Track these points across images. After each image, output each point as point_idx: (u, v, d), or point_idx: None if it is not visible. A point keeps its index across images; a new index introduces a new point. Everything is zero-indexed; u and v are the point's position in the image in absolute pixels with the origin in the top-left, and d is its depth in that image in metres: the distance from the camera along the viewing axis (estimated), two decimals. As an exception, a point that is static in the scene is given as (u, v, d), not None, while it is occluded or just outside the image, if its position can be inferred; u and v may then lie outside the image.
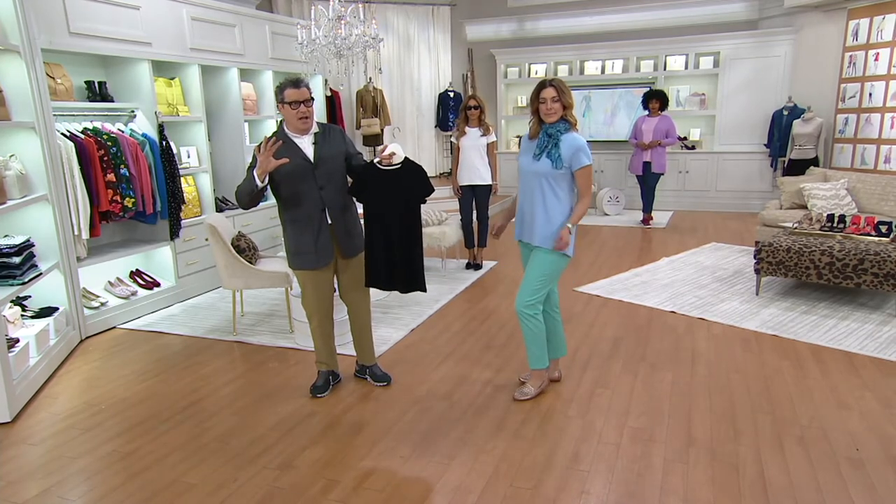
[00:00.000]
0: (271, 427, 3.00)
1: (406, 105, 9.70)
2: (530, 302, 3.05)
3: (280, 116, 3.45)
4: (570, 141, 2.93)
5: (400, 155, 3.05)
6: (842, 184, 6.05)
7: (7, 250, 3.38)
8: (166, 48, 4.85)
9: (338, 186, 3.11)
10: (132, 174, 4.45)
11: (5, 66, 3.59)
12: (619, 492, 2.43)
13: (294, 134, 3.04)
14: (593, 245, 6.78)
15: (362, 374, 3.53)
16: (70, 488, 2.54)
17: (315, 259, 3.10)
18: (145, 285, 4.89)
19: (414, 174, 3.09)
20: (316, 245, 3.08)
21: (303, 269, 3.15)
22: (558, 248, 2.96)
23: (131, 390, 3.46)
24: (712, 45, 8.48)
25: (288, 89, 2.95)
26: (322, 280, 3.19)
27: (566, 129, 2.95)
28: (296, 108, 2.95)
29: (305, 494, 2.45)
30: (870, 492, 2.39)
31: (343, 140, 3.17)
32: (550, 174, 2.96)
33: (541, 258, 3.04)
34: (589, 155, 2.96)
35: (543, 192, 2.99)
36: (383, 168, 3.05)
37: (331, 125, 3.21)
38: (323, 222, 3.07)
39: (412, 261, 3.16)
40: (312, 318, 3.28)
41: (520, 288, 3.10)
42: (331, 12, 4.88)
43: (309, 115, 2.99)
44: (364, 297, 3.37)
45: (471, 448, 2.76)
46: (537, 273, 3.04)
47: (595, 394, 3.27)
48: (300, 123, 2.99)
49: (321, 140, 3.08)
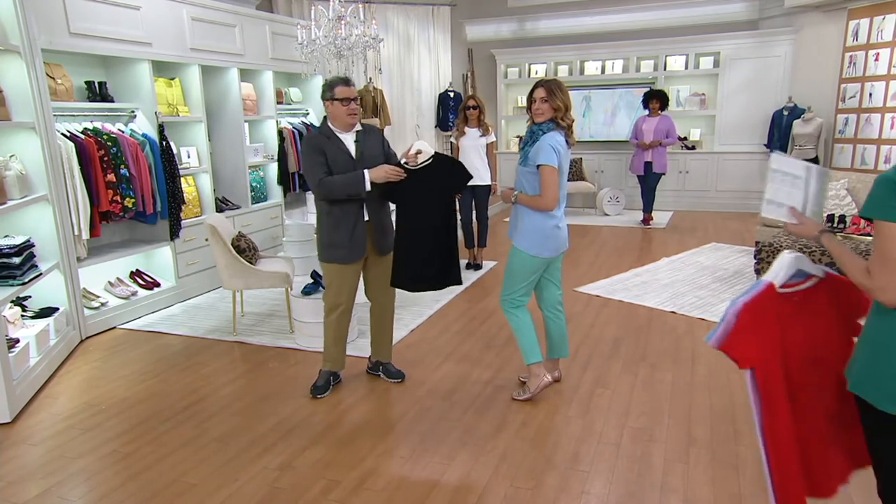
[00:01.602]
0: (271, 427, 3.00)
1: (406, 105, 9.69)
2: (505, 296, 3.15)
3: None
4: (539, 141, 2.92)
5: (428, 151, 3.09)
6: (842, 184, 6.04)
7: (7, 250, 3.37)
8: (166, 48, 4.85)
9: (378, 186, 3.16)
10: (132, 174, 4.45)
11: (5, 66, 3.59)
12: (619, 492, 2.43)
13: (339, 130, 3.13)
14: (593, 245, 6.77)
15: (375, 371, 3.54)
16: (70, 488, 2.54)
17: (348, 253, 3.15)
18: (145, 285, 4.89)
19: (446, 166, 3.16)
20: (351, 239, 3.13)
21: (334, 262, 3.18)
22: (502, 195, 3.07)
23: (131, 390, 3.46)
24: (712, 46, 8.48)
25: (339, 86, 3.06)
26: (350, 275, 3.23)
27: (549, 129, 2.94)
28: (346, 105, 3.06)
29: (306, 495, 2.45)
30: (870, 492, 2.38)
31: (382, 141, 3.26)
32: (523, 173, 3.03)
33: (511, 254, 3.13)
34: (549, 156, 2.86)
35: (522, 189, 3.05)
36: (412, 168, 3.10)
37: (371, 125, 3.30)
38: (360, 218, 3.14)
39: (448, 254, 3.22)
40: (332, 312, 3.29)
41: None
42: (331, 12, 4.88)
43: (356, 111, 3.10)
44: (391, 294, 3.43)
45: (471, 448, 2.76)
46: (507, 269, 3.15)
47: (595, 394, 3.27)
48: (348, 119, 3.09)
49: (363, 138, 3.17)
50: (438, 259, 3.20)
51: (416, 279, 3.23)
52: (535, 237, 3.02)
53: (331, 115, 3.13)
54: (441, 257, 3.20)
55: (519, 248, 3.05)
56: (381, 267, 3.31)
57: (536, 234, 3.02)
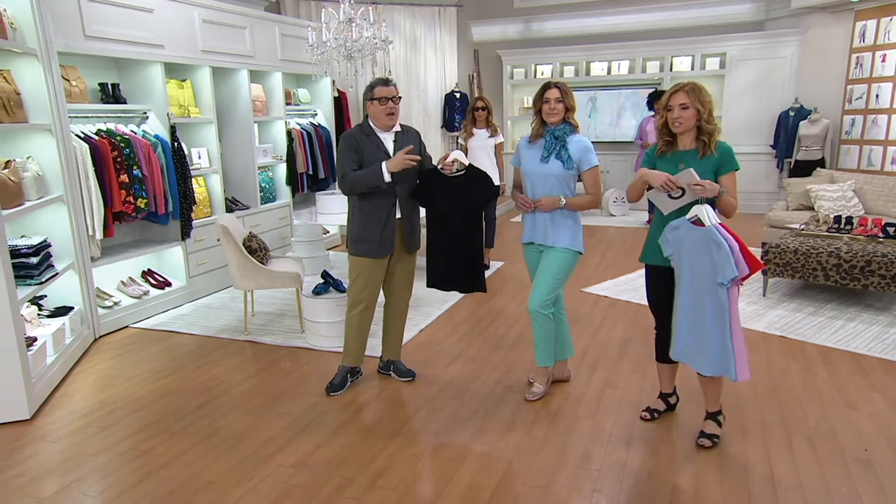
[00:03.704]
0: (285, 426, 3.04)
1: (412, 106, 9.73)
2: (545, 301, 3.11)
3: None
4: (578, 142, 3.04)
5: (463, 162, 3.18)
6: (848, 185, 6.06)
7: (25, 250, 3.43)
8: (178, 50, 4.90)
9: (410, 184, 3.26)
10: (145, 175, 4.50)
11: (23, 68, 3.64)
12: (629, 490, 2.47)
13: (379, 129, 3.21)
14: (600, 245, 6.80)
15: (386, 371, 3.59)
16: (90, 485, 2.58)
17: (377, 249, 3.22)
18: (157, 285, 4.94)
19: (477, 180, 3.23)
20: (381, 235, 3.20)
21: (363, 256, 3.25)
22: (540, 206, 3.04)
23: (146, 389, 3.50)
24: (718, 47, 8.50)
25: (378, 87, 3.15)
26: (377, 270, 3.29)
27: (571, 130, 3.06)
28: (385, 104, 3.14)
29: (321, 492, 2.49)
30: (879, 492, 2.41)
31: (419, 143, 3.31)
32: (561, 175, 3.04)
33: (554, 257, 3.09)
34: (595, 156, 3.10)
35: (554, 193, 3.05)
36: (447, 175, 3.17)
37: (409, 127, 3.37)
38: (392, 215, 3.21)
39: (472, 262, 3.29)
40: (356, 306, 3.34)
41: (533, 289, 3.14)
42: (342, 15, 4.92)
43: (395, 111, 3.17)
44: (409, 293, 3.50)
45: (483, 447, 2.80)
46: (552, 272, 3.10)
47: (604, 394, 3.30)
48: (387, 119, 3.17)
49: (401, 139, 3.25)
50: (462, 263, 3.28)
51: (448, 279, 3.34)
52: (579, 234, 3.13)
53: (371, 115, 3.22)
54: (465, 263, 3.28)
55: (570, 248, 3.09)
56: (407, 265, 3.40)
57: (579, 231, 3.13)
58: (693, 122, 2.68)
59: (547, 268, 3.11)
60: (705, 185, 2.55)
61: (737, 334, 2.56)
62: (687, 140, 2.74)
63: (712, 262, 2.53)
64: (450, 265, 3.30)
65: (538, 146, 3.09)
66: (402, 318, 3.54)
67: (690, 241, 2.60)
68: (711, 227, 2.53)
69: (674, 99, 2.68)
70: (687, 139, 2.74)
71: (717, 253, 2.51)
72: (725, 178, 2.67)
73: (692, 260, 2.61)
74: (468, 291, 3.40)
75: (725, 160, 2.68)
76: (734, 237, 2.54)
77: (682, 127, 2.69)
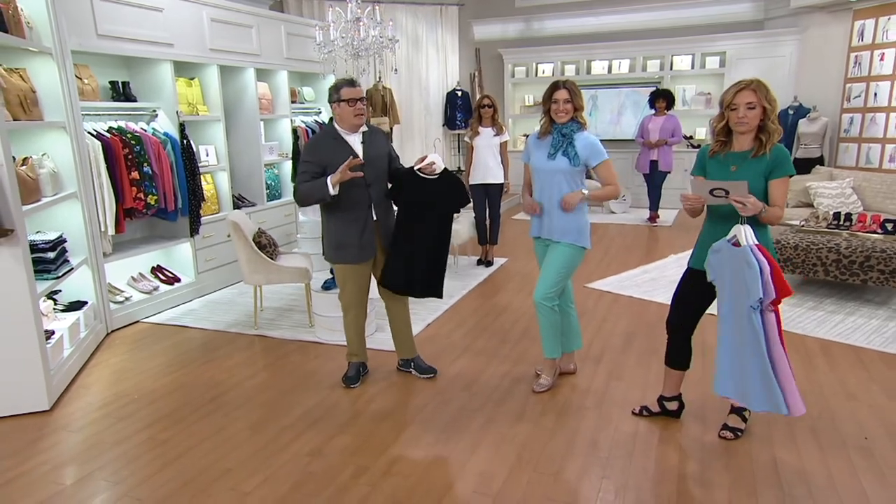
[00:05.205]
0: (298, 417, 3.11)
1: (414, 104, 9.80)
2: (549, 294, 3.18)
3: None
4: (585, 140, 3.12)
5: (440, 165, 3.20)
6: (847, 182, 6.15)
7: (43, 245, 3.49)
8: (187, 49, 4.96)
9: (383, 185, 3.27)
10: (155, 172, 4.56)
11: (39, 67, 3.70)
12: (638, 476, 2.54)
13: (345, 131, 3.19)
14: (602, 242, 6.88)
15: (406, 368, 3.62)
16: (112, 472, 2.65)
17: (358, 254, 3.23)
18: (166, 280, 5.00)
19: (451, 185, 3.26)
20: (360, 240, 3.20)
21: (345, 262, 3.26)
22: (564, 206, 3.09)
23: (159, 381, 3.57)
24: (718, 45, 8.57)
25: (345, 87, 3.12)
26: (362, 275, 3.32)
27: (578, 128, 3.13)
28: (353, 105, 3.11)
29: (338, 479, 2.56)
30: (879, 478, 2.49)
31: (386, 142, 3.33)
32: (568, 171, 3.11)
33: (560, 251, 3.17)
34: (603, 150, 3.16)
35: (561, 189, 3.13)
36: (423, 176, 3.21)
37: (374, 127, 3.36)
38: (368, 219, 3.21)
39: (435, 267, 3.31)
40: (349, 312, 3.40)
41: (539, 281, 3.22)
42: (349, 14, 4.98)
43: (363, 111, 3.15)
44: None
45: (493, 436, 2.87)
46: (557, 266, 3.17)
47: (610, 386, 3.38)
48: (356, 120, 3.14)
49: (368, 139, 3.23)
50: (425, 268, 3.28)
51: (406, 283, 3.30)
52: (586, 230, 3.19)
53: (338, 117, 3.17)
54: (427, 267, 3.28)
55: (576, 244, 3.15)
56: None
57: (586, 227, 3.19)
58: (757, 122, 2.52)
59: (552, 261, 3.20)
60: (747, 203, 2.41)
61: (780, 364, 2.42)
62: (745, 141, 2.58)
63: (745, 284, 2.42)
64: (409, 267, 3.26)
65: (546, 143, 3.17)
66: (406, 318, 3.55)
67: (731, 266, 2.50)
68: (747, 248, 2.42)
69: (739, 97, 2.50)
70: (745, 140, 2.58)
71: (748, 273, 2.40)
72: (777, 183, 2.53)
73: (732, 286, 2.51)
74: (423, 297, 3.35)
75: (780, 163, 2.54)
76: (769, 260, 2.42)
77: (746, 127, 2.52)
